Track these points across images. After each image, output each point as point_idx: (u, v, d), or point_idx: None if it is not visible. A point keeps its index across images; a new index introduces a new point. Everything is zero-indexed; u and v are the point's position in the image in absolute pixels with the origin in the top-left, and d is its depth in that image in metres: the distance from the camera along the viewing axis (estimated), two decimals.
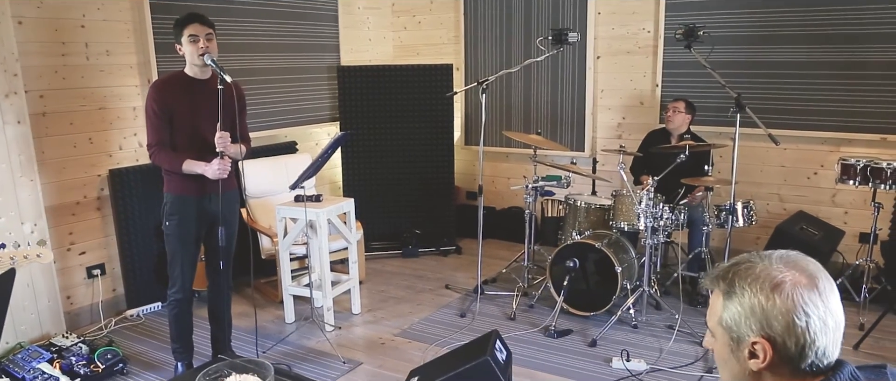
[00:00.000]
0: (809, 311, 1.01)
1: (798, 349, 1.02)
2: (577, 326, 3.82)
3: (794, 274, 1.04)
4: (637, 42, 5.00)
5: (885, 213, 4.02)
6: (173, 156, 2.96)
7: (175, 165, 2.95)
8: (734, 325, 1.08)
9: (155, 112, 2.91)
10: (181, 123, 2.96)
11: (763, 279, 1.04)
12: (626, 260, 3.91)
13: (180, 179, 3.01)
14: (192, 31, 2.86)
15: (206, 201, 3.06)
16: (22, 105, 3.45)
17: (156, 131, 2.94)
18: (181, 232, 3.05)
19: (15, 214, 3.44)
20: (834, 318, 1.03)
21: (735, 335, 1.08)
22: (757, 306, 1.04)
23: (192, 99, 2.97)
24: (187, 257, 3.09)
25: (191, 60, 2.92)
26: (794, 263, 1.07)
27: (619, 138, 5.18)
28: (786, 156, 4.64)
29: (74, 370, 3.22)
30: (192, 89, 2.98)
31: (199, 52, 2.87)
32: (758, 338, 1.04)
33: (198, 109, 2.98)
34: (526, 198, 4.33)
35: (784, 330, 1.02)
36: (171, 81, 2.98)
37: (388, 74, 5.20)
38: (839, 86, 4.36)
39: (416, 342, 3.68)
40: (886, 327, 3.70)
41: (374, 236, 5.30)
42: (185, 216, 3.04)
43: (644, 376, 3.22)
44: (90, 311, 3.95)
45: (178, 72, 3.02)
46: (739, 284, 1.07)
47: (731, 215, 3.71)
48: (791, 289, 1.02)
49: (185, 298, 3.15)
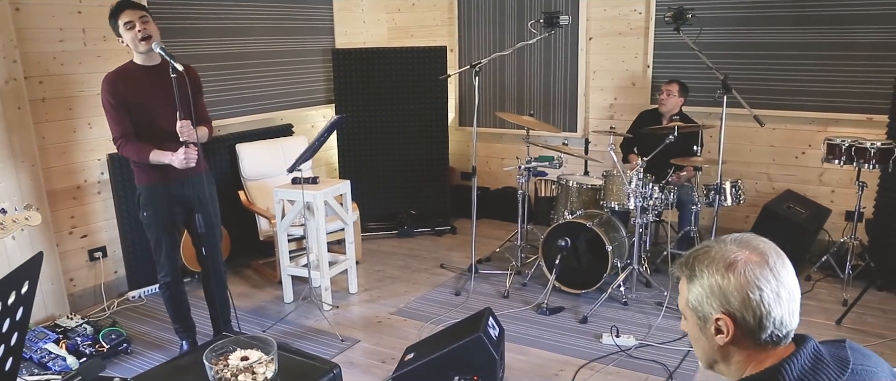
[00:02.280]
0: (762, 285, 1.10)
1: (756, 321, 1.11)
2: (569, 303, 3.92)
3: (745, 253, 1.14)
4: (628, 23, 5.04)
5: (869, 192, 4.10)
6: (139, 147, 2.95)
7: (142, 157, 2.95)
8: (699, 305, 1.17)
9: (111, 105, 2.89)
10: (138, 114, 2.94)
11: (718, 261, 1.14)
12: (617, 239, 4.00)
13: (148, 169, 3.01)
14: (126, 18, 2.80)
15: (177, 187, 3.07)
16: (22, 91, 3.50)
17: (117, 124, 2.92)
18: (158, 221, 3.09)
19: (17, 198, 3.50)
20: (786, 289, 1.12)
21: (701, 314, 1.17)
22: (715, 286, 1.13)
23: (144, 88, 2.93)
24: (169, 243, 3.15)
25: (134, 48, 2.87)
26: (747, 243, 1.16)
27: (611, 119, 5.25)
28: (774, 136, 4.72)
29: (80, 349, 3.31)
30: (143, 78, 2.94)
31: (138, 37, 2.81)
32: (720, 315, 1.14)
33: (152, 98, 2.94)
34: (519, 179, 4.41)
35: (741, 305, 1.11)
36: (121, 73, 2.94)
37: (382, 57, 5.24)
38: (826, 67, 4.43)
39: (412, 320, 3.78)
40: (868, 302, 3.81)
41: (370, 217, 5.38)
42: (158, 205, 3.07)
43: (633, 351, 3.33)
44: (93, 293, 4.03)
45: (127, 63, 2.98)
46: (698, 267, 1.16)
47: (718, 194, 3.79)
48: (744, 267, 1.12)
49: (175, 280, 3.22)
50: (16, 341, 1.03)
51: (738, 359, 1.16)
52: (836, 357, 1.11)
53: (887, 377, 1.13)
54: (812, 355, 1.11)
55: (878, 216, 4.14)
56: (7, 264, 3.46)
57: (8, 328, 1.00)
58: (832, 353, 1.13)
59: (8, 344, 1.01)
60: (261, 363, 1.86)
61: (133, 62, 2.97)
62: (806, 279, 4.20)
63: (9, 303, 0.99)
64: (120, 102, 2.90)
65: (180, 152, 2.92)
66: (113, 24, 2.86)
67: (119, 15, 2.82)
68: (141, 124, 2.96)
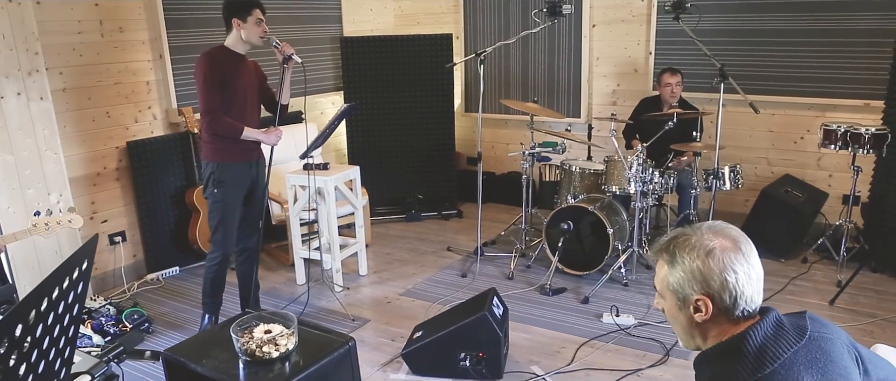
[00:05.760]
0: (737, 269, 1.24)
1: (731, 300, 1.25)
2: (571, 284, 4.06)
3: (721, 241, 1.27)
4: (631, 11, 5.13)
5: (865, 176, 4.21)
6: (231, 122, 3.21)
7: (235, 132, 3.22)
8: (679, 287, 1.30)
9: (210, 80, 3.13)
10: (231, 93, 3.21)
11: (698, 248, 1.27)
12: (618, 222, 4.13)
13: (228, 146, 3.25)
14: (259, 15, 3.19)
15: (248, 167, 3.36)
16: (44, 82, 3.64)
17: (211, 99, 3.16)
18: (228, 198, 3.30)
19: (42, 185, 3.66)
20: (755, 271, 1.26)
21: (681, 295, 1.30)
22: (696, 271, 1.26)
23: (236, 71, 3.23)
24: (231, 221, 3.36)
25: (249, 39, 3.20)
26: (721, 231, 1.29)
27: (613, 105, 5.35)
28: (773, 121, 4.82)
29: (104, 329, 3.48)
30: (234, 63, 3.24)
31: (261, 34, 3.21)
32: (700, 296, 1.27)
33: (241, 81, 3.26)
34: (523, 164, 4.53)
35: (720, 287, 1.25)
36: (218, 53, 3.22)
37: (390, 45, 5.35)
38: (825, 53, 4.51)
39: (420, 300, 3.93)
40: (862, 283, 3.93)
41: (379, 202, 5.52)
42: (232, 183, 3.30)
43: (632, 330, 3.47)
44: (113, 275, 4.20)
45: (220, 46, 3.25)
46: (679, 254, 1.29)
47: (716, 179, 3.91)
48: (721, 254, 1.25)
49: (225, 260, 3.42)
50: (77, 310, 1.19)
51: (714, 333, 1.30)
52: (796, 326, 1.25)
53: (842, 343, 1.27)
54: (774, 324, 1.24)
55: (873, 200, 4.25)
56: (34, 251, 3.63)
57: (72, 300, 1.15)
58: (792, 322, 1.26)
59: (71, 314, 1.16)
60: (282, 336, 2.02)
61: (225, 47, 3.25)
62: (802, 262, 4.32)
63: (74, 277, 1.14)
64: (219, 79, 3.15)
65: (271, 131, 3.29)
66: (243, 11, 3.16)
67: (253, 9, 3.17)
68: (229, 103, 3.22)
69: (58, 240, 3.76)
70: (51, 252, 3.73)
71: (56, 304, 1.12)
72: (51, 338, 1.14)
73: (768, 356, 1.19)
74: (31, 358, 1.10)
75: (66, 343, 1.20)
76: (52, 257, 3.75)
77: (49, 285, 1.11)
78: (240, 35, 3.20)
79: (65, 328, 1.16)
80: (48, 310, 1.11)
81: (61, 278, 1.13)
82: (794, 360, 1.19)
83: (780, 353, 1.19)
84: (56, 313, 1.13)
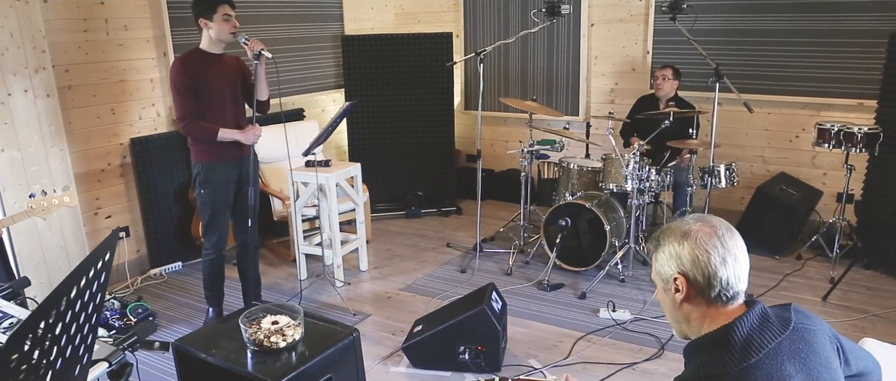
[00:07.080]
0: (709, 249, 1.31)
1: (705, 280, 1.32)
2: (569, 280, 4.12)
3: (699, 226, 1.35)
4: (629, 10, 5.19)
5: (858, 174, 4.27)
6: (205, 126, 3.24)
7: (210, 135, 3.25)
8: (662, 270, 1.39)
9: (183, 84, 3.17)
10: (206, 96, 3.24)
11: (677, 232, 1.36)
12: (615, 219, 4.20)
13: (210, 147, 3.29)
14: (227, 11, 3.16)
15: (234, 164, 3.38)
16: (50, 79, 3.69)
17: (185, 105, 3.20)
18: (216, 198, 3.35)
19: (47, 181, 3.71)
20: (732, 256, 1.33)
21: (664, 277, 1.39)
22: (673, 251, 1.35)
23: (211, 72, 3.24)
24: (222, 220, 3.42)
25: (219, 37, 3.20)
26: (702, 219, 1.38)
27: (611, 103, 5.41)
28: (769, 120, 4.88)
29: (110, 323, 3.54)
30: (210, 64, 3.25)
31: (230, 30, 3.17)
32: (676, 274, 1.35)
33: (217, 82, 3.26)
34: (522, 161, 4.59)
35: (692, 265, 1.33)
36: (191, 57, 3.24)
37: (390, 43, 5.40)
38: (819, 53, 4.58)
39: (420, 295, 3.99)
40: (855, 280, 4.00)
41: (379, 198, 5.58)
42: (218, 182, 3.35)
43: (628, 324, 3.53)
44: (117, 270, 4.25)
45: (194, 48, 3.27)
46: (662, 239, 1.38)
47: (712, 176, 3.97)
48: (696, 235, 1.33)
49: (219, 256, 3.49)
50: (100, 299, 1.26)
51: (695, 317, 1.37)
52: (781, 317, 1.31)
53: (825, 334, 1.33)
54: (759, 315, 1.31)
55: (866, 198, 4.32)
56: (40, 247, 3.69)
57: (97, 289, 1.22)
58: (777, 314, 1.33)
59: (96, 302, 1.23)
60: (289, 327, 2.08)
61: (199, 48, 3.26)
62: (796, 258, 4.39)
63: (98, 267, 1.20)
64: (191, 83, 3.17)
65: (248, 130, 3.29)
66: (209, 8, 3.14)
67: (219, 7, 3.14)
68: (206, 105, 3.24)
69: (63, 235, 3.82)
70: (56, 248, 3.79)
71: (83, 292, 1.19)
72: (78, 324, 1.21)
73: (754, 347, 1.25)
74: (61, 342, 1.17)
75: (90, 329, 1.27)
76: (58, 253, 3.81)
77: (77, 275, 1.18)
78: (209, 34, 3.21)
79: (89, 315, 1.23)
80: (77, 297, 1.18)
81: (87, 269, 1.19)
82: (778, 350, 1.25)
83: (765, 343, 1.26)
84: (82, 301, 1.20)
